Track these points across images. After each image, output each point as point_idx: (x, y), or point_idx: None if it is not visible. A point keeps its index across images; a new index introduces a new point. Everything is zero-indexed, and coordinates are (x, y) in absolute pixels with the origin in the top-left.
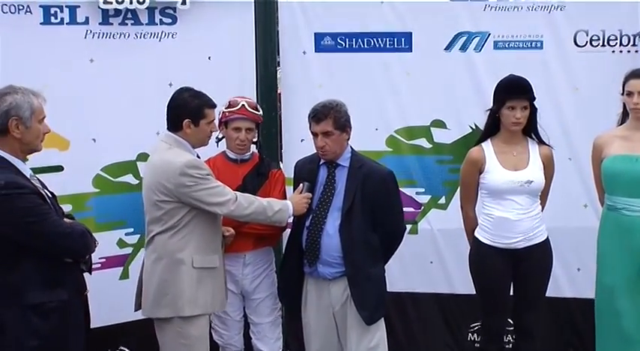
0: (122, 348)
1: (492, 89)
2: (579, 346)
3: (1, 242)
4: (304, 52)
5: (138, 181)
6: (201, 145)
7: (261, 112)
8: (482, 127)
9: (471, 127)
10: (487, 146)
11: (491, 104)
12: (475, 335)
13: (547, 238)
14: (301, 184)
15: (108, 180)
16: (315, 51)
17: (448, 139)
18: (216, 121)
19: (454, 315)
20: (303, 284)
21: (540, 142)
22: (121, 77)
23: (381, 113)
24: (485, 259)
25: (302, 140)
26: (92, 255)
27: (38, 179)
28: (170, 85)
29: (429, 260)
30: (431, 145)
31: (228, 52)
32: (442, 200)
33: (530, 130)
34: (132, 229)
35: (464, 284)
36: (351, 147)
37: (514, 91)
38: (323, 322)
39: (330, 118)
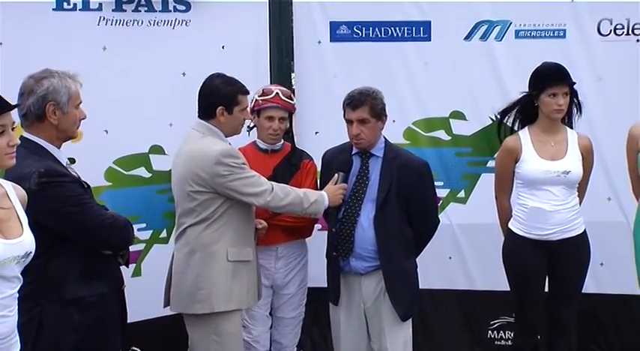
0: (134, 348)
1: (513, 79)
2: (602, 343)
3: (41, 233)
4: (319, 42)
5: (150, 175)
6: (234, 133)
7: (295, 101)
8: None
9: (491, 119)
10: (524, 135)
11: (516, 94)
12: (495, 333)
13: (584, 231)
14: (336, 175)
15: (120, 173)
16: (331, 40)
17: (467, 130)
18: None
19: (474, 312)
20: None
21: (569, 125)
22: (134, 66)
23: (399, 105)
24: (518, 251)
25: (316, 133)
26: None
27: (73, 168)
28: (184, 74)
29: (448, 256)
30: (450, 137)
31: (243, 41)
32: (461, 194)
33: (568, 117)
34: (144, 225)
35: (484, 280)
36: (384, 137)
37: (555, 77)
38: (353, 321)
39: (367, 105)
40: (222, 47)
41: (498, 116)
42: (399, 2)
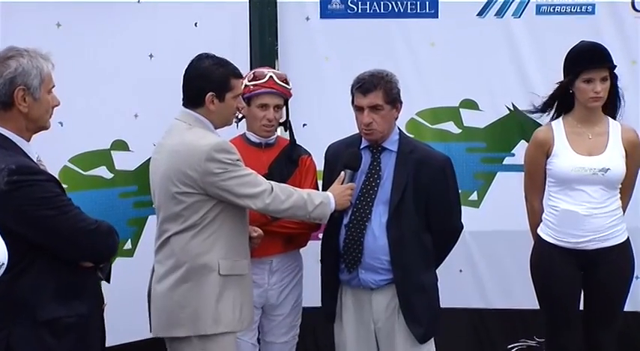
0: None
1: (534, 62)
2: None
3: (10, 242)
4: (307, 19)
5: (112, 175)
6: (225, 124)
7: (291, 86)
8: (520, 107)
9: (509, 108)
10: (557, 126)
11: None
12: None
13: (627, 239)
14: (342, 172)
15: (77, 173)
16: (321, 17)
17: (481, 122)
18: None
19: (489, 334)
20: (337, 295)
21: (613, 117)
22: (93, 46)
23: (401, 92)
24: (548, 261)
25: (304, 125)
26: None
27: (44, 166)
28: (150, 56)
29: (458, 268)
30: (460, 130)
31: (218, 18)
32: (474, 196)
33: (610, 105)
34: None
35: (500, 297)
36: (398, 128)
37: (590, 59)
38: (362, 342)
39: (380, 89)
40: (195, 24)
41: (537, 109)
42: None
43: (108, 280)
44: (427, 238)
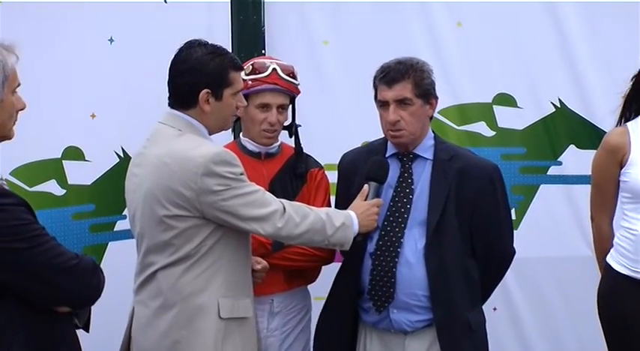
0: None
1: (585, 49)
2: None
3: None
4: None
5: (64, 191)
6: (222, 127)
7: (298, 81)
8: (569, 104)
9: (554, 105)
10: (635, 128)
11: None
12: None
13: None
14: (366, 185)
15: (21, 189)
16: None
17: (519, 122)
18: None
19: None
20: (357, 342)
21: None
22: (38, 29)
23: None
24: (619, 296)
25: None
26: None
27: (5, 183)
28: (110, 40)
29: (492, 306)
30: (494, 132)
31: None
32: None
33: None
34: None
35: (544, 343)
36: (433, 131)
37: None
38: None
39: (409, 79)
40: (165, 1)
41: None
42: None
43: (87, 329)
44: (472, 266)
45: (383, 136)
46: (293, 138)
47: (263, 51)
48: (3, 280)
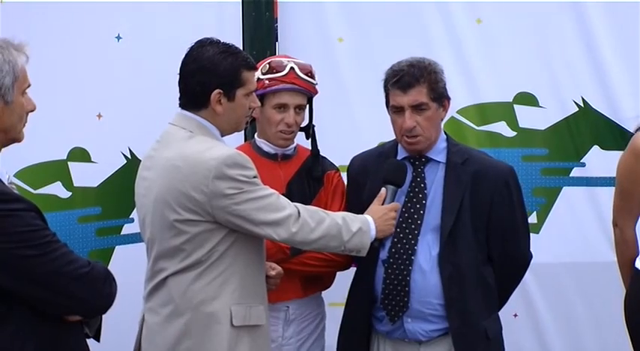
0: None
1: (610, 46)
2: None
3: None
4: None
5: (70, 194)
6: (234, 129)
7: (317, 81)
8: (593, 103)
9: (577, 105)
10: None
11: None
12: None
13: None
14: (384, 188)
15: (25, 191)
16: None
17: (541, 122)
18: None
19: None
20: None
21: None
22: (42, 26)
23: None
24: None
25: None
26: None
27: (15, 188)
28: (118, 38)
29: (512, 313)
30: (514, 133)
31: None
32: (532, 218)
33: None
34: None
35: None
36: (445, 132)
37: None
38: None
39: (425, 82)
40: None
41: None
42: None
43: (97, 339)
44: (488, 272)
45: None
46: (310, 139)
47: (276, 48)
48: (13, 288)
